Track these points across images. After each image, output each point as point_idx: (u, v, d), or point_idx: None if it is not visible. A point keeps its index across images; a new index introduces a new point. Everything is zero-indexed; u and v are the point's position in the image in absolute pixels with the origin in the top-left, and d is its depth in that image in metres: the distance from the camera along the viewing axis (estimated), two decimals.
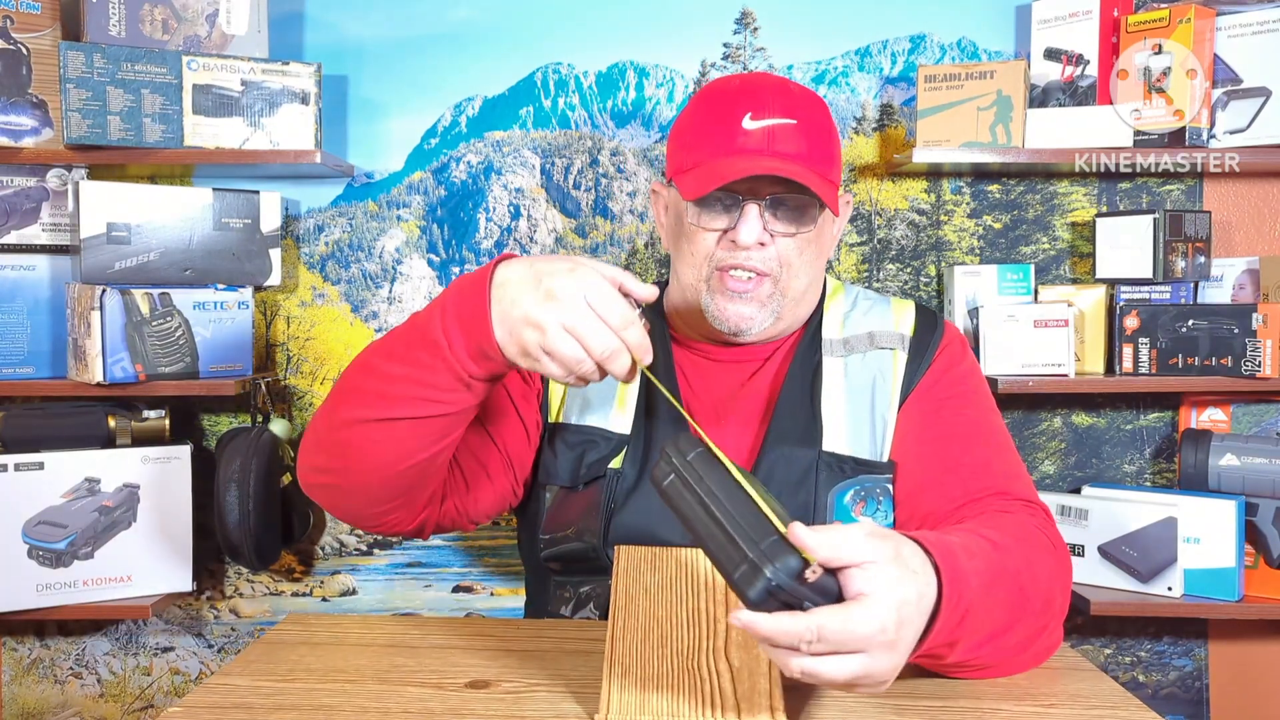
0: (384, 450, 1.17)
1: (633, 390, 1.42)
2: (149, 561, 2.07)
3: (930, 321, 1.44)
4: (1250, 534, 2.04)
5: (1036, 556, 1.12)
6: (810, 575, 0.82)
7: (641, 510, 1.34)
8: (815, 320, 1.44)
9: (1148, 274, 2.11)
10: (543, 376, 1.40)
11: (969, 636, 1.00)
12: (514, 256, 1.08)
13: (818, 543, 0.83)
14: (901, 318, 1.44)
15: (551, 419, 1.44)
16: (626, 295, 1.06)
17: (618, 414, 1.41)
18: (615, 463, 1.38)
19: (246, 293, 2.11)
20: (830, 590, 0.84)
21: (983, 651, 1.04)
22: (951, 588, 0.93)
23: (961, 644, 1.00)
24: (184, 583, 2.10)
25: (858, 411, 1.36)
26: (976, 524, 1.15)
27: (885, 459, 1.34)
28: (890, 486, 1.33)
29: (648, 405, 1.41)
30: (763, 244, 1.31)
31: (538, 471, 1.44)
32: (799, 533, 0.83)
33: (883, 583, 0.85)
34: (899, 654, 0.87)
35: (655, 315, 1.50)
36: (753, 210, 1.30)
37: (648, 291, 1.07)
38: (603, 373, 1.04)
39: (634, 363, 1.04)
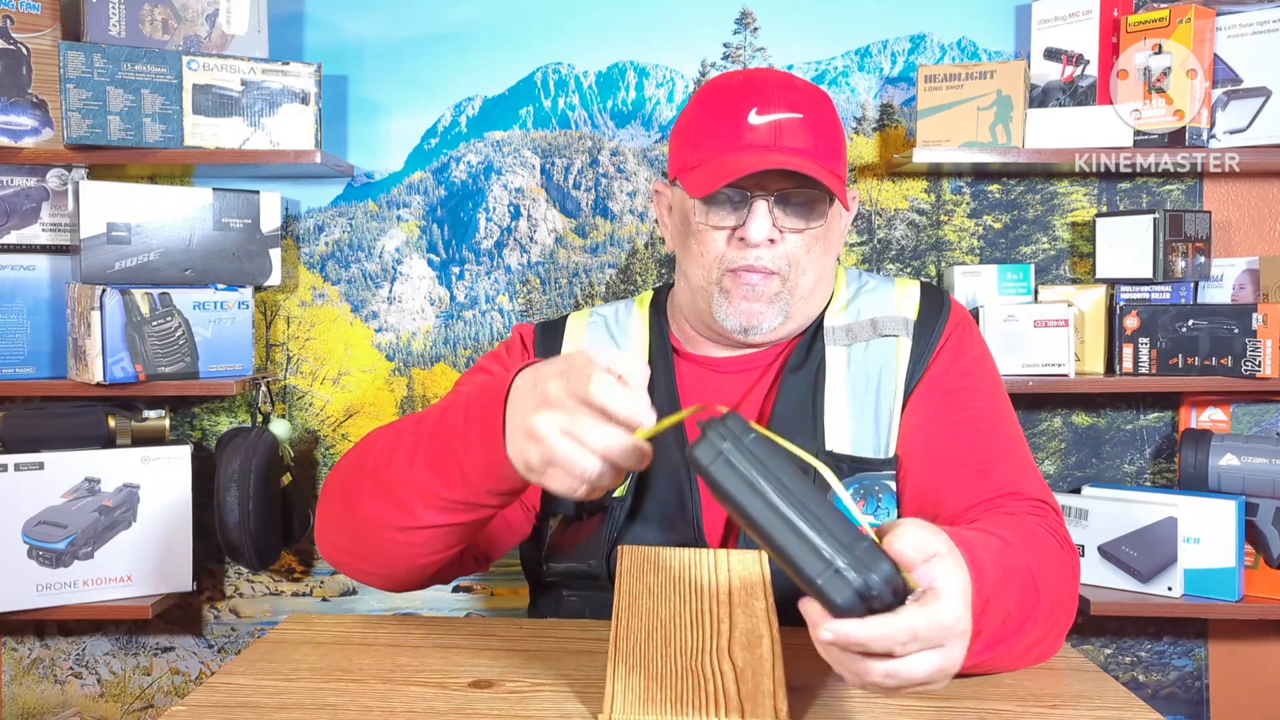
0: (406, 552, 1.16)
1: None
2: (149, 561, 2.07)
3: (935, 303, 1.39)
4: (1250, 534, 2.04)
5: (1046, 556, 1.12)
6: (904, 583, 0.80)
7: (641, 536, 1.32)
8: (820, 315, 1.42)
9: (1148, 274, 2.11)
10: None
11: (987, 630, 0.97)
12: (530, 366, 1.00)
13: (904, 549, 0.82)
14: (905, 300, 1.40)
15: None
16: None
17: None
18: (619, 491, 1.35)
19: (246, 293, 2.11)
20: (900, 590, 0.81)
21: (995, 650, 1.03)
22: (976, 579, 0.91)
23: (983, 635, 0.97)
24: (184, 583, 2.10)
25: (862, 405, 1.34)
26: (986, 523, 1.14)
27: (890, 454, 1.32)
28: (891, 484, 1.31)
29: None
30: (772, 241, 1.30)
31: (542, 497, 1.42)
32: (906, 532, 0.82)
33: (948, 573, 0.83)
34: (967, 643, 0.85)
35: (657, 322, 1.48)
36: (761, 207, 1.28)
37: (640, 373, 0.94)
38: (614, 473, 0.93)
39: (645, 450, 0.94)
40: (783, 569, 0.82)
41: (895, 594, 0.80)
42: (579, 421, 0.90)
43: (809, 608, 0.80)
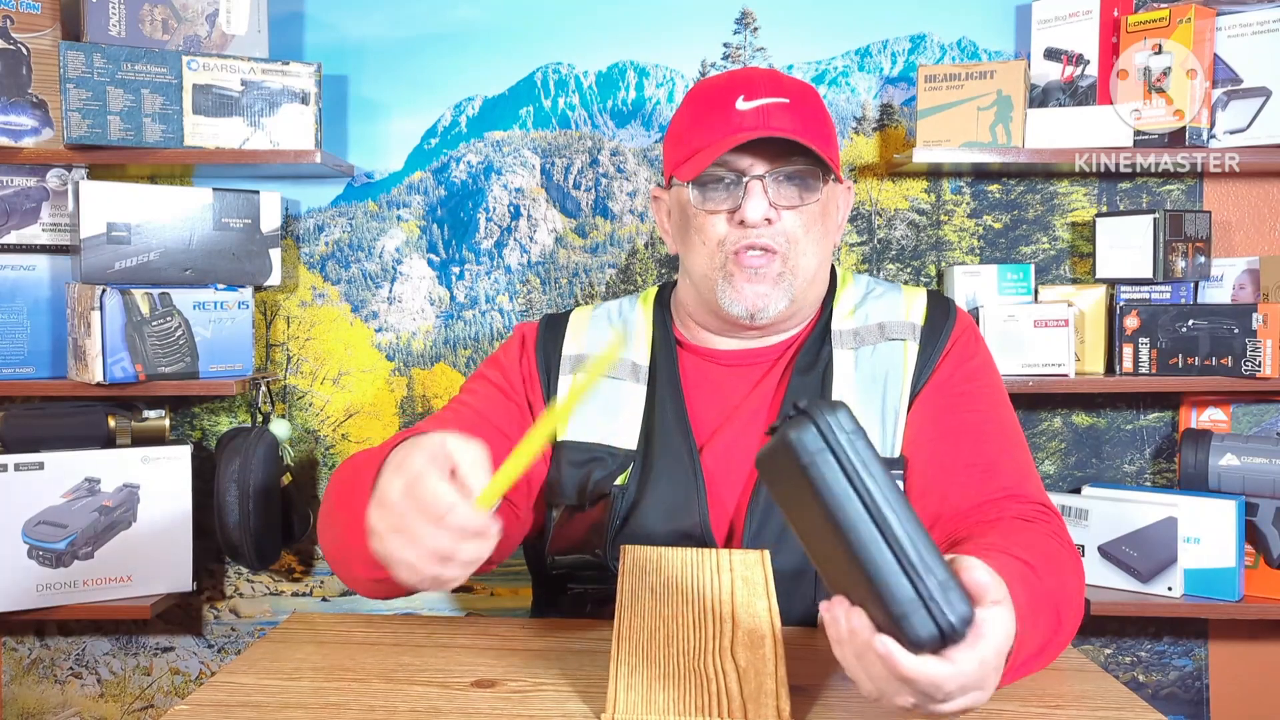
0: (385, 581, 1.11)
1: (638, 403, 1.41)
2: (149, 561, 2.06)
3: (942, 310, 1.42)
4: (1250, 534, 2.04)
5: (1066, 576, 1.12)
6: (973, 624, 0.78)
7: (646, 525, 1.33)
8: (825, 314, 1.44)
9: (1148, 274, 2.11)
10: (545, 403, 1.42)
11: (1014, 666, 0.97)
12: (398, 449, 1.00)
13: (991, 596, 0.80)
14: (913, 306, 1.42)
15: (557, 438, 1.42)
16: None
17: (623, 429, 1.40)
18: (620, 479, 1.36)
19: (246, 293, 2.11)
20: None
21: (1017, 676, 1.02)
22: (1019, 623, 0.91)
23: (1006, 675, 0.95)
24: (184, 583, 2.09)
25: (868, 407, 1.35)
26: (1004, 540, 1.11)
27: (896, 454, 1.33)
28: (900, 484, 1.32)
29: (652, 419, 1.40)
30: (769, 220, 1.32)
31: (544, 490, 1.42)
32: (981, 583, 0.80)
33: (1001, 621, 0.83)
34: (997, 682, 0.86)
35: (660, 316, 1.49)
36: (756, 186, 1.31)
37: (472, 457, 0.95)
38: (462, 566, 0.93)
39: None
40: (841, 579, 0.79)
41: None
42: (409, 520, 0.91)
43: (853, 617, 0.80)
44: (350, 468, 1.19)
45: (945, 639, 0.76)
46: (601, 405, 1.41)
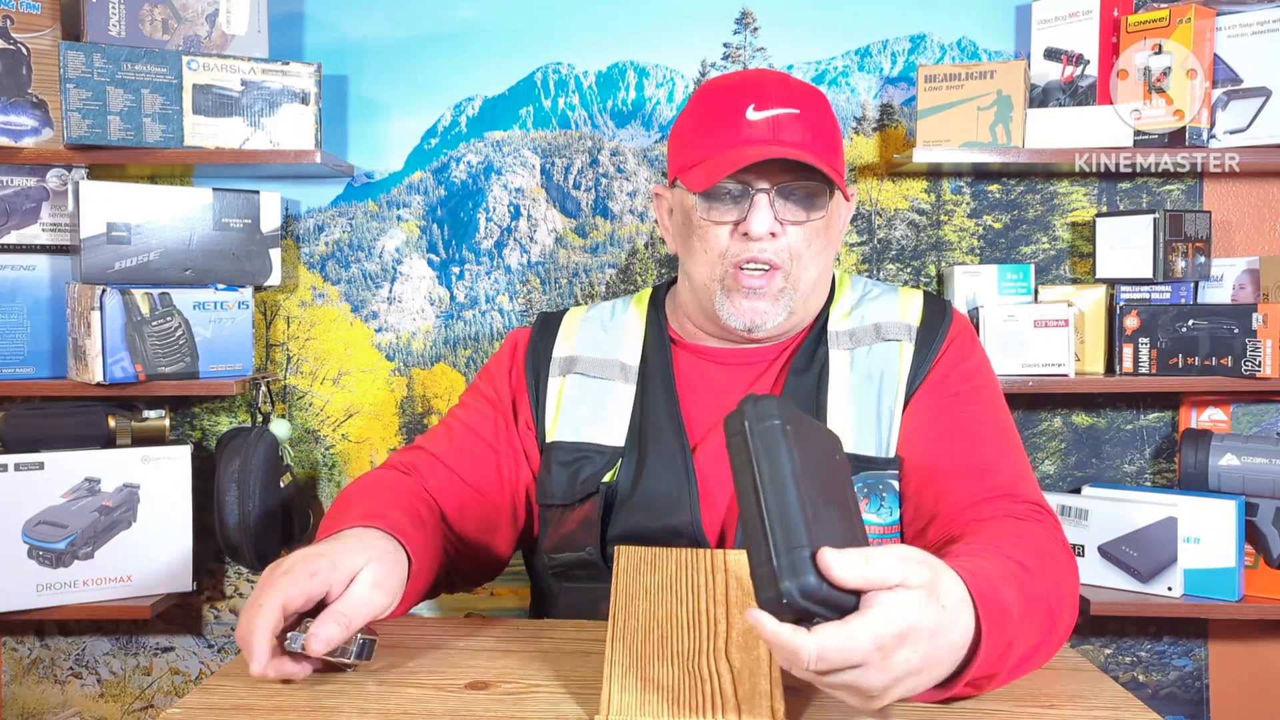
0: None
1: (626, 402, 1.42)
2: (149, 561, 2.07)
3: (938, 312, 1.42)
4: (1250, 534, 2.04)
5: (1061, 576, 1.11)
6: (848, 602, 0.81)
7: (636, 520, 1.34)
8: (822, 316, 1.44)
9: (1148, 274, 2.11)
10: (533, 407, 1.44)
11: (1008, 668, 0.97)
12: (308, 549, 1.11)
13: (844, 570, 0.79)
14: (909, 308, 1.42)
15: (547, 439, 1.44)
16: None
17: (611, 427, 1.41)
18: (609, 476, 1.37)
19: (246, 293, 2.11)
20: (845, 606, 0.81)
21: (1013, 677, 1.01)
22: (991, 624, 0.90)
23: (1001, 676, 0.97)
24: (184, 583, 2.10)
25: (864, 406, 1.35)
26: (997, 538, 1.11)
27: (891, 454, 1.33)
28: (895, 483, 1.32)
29: (642, 417, 1.41)
30: (774, 234, 1.31)
31: (535, 490, 1.45)
32: (828, 558, 0.79)
33: (898, 603, 0.81)
34: (890, 675, 0.83)
35: (654, 316, 1.49)
36: (763, 200, 1.30)
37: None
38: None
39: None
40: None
41: (837, 608, 0.81)
42: (252, 603, 1.02)
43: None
44: (341, 504, 1.25)
45: (781, 604, 0.80)
46: (590, 406, 1.42)
